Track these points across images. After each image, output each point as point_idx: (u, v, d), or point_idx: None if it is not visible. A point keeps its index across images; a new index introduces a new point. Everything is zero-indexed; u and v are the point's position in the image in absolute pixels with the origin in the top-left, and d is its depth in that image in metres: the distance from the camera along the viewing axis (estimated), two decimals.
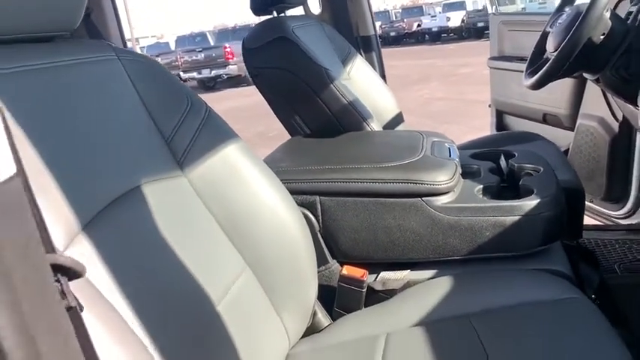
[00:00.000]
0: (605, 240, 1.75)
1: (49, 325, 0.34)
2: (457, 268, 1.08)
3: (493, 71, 2.62)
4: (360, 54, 1.98)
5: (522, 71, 1.51)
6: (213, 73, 12.94)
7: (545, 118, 2.30)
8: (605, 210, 2.03)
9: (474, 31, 17.64)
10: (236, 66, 12.60)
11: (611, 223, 2.00)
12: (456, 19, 18.76)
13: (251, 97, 7.72)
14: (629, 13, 1.30)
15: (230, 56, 12.77)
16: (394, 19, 21.63)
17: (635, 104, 1.27)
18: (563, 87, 2.13)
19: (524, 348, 0.82)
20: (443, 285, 1.02)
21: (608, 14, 1.22)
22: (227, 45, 13.10)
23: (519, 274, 1.02)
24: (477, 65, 8.74)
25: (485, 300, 0.94)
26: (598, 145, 2.00)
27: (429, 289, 1.03)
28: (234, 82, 12.40)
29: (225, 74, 12.61)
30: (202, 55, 13.13)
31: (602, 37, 1.22)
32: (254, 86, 1.57)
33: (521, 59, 2.31)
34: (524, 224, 1.03)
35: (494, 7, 2.72)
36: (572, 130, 2.12)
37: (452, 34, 19.12)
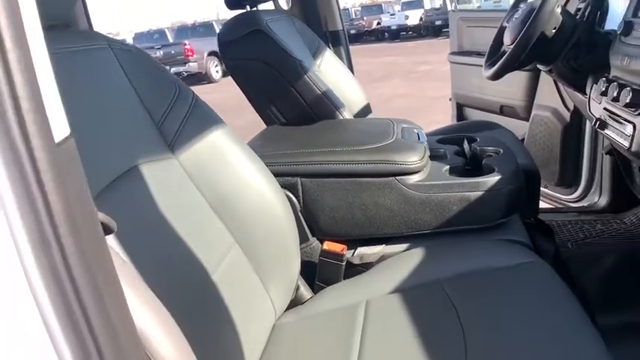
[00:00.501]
0: (559, 221, 1.90)
1: (107, 275, 0.40)
2: (428, 241, 1.18)
3: (453, 66, 2.72)
4: (329, 48, 2.06)
5: (481, 65, 1.61)
6: (173, 70, 12.68)
7: (502, 110, 2.43)
8: (558, 194, 2.17)
9: (432, 29, 17.92)
10: (196, 63, 12.45)
11: (563, 206, 2.14)
12: (414, 18, 19.00)
13: (211, 94, 7.68)
14: (578, 9, 1.42)
15: (190, 53, 12.60)
16: (354, 16, 21.80)
17: (583, 92, 1.39)
18: (518, 80, 2.26)
19: (491, 306, 0.92)
20: (415, 256, 1.11)
21: (559, 10, 1.33)
22: (187, 42, 12.92)
23: (484, 244, 1.13)
24: (436, 63, 8.95)
25: (454, 267, 1.04)
26: (551, 134, 2.13)
27: (403, 261, 1.12)
28: (195, 79, 12.25)
29: (185, 72, 12.43)
30: (161, 52, 12.89)
31: (553, 31, 1.33)
32: (214, 84, 1.63)
33: (479, 54, 2.42)
34: (487, 199, 1.14)
35: (453, 4, 2.83)
36: (528, 121, 2.25)
37: (411, 32, 19.32)
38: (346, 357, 0.88)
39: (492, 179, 1.15)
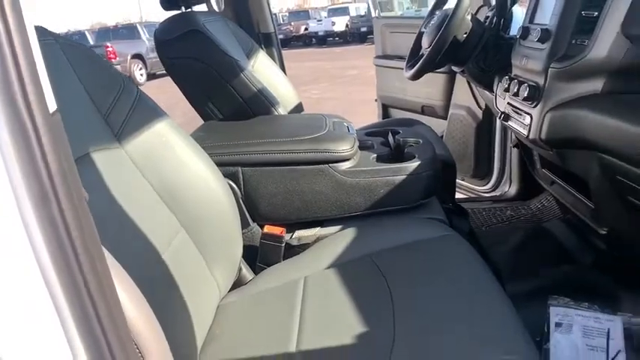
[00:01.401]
0: (474, 209, 2.09)
1: (91, 233, 0.47)
2: (359, 221, 1.30)
3: (378, 69, 2.88)
4: (262, 49, 2.14)
5: (402, 68, 1.76)
6: None
7: (423, 109, 2.61)
8: (474, 186, 2.37)
9: (357, 35, 18.39)
10: (119, 66, 12.06)
11: (478, 196, 2.34)
12: (340, 24, 19.42)
13: None
14: (487, 17, 1.60)
15: (112, 56, 12.19)
16: (282, 22, 21.95)
17: (491, 90, 1.57)
18: (437, 82, 2.44)
19: (415, 272, 1.04)
20: (348, 235, 1.23)
21: (469, 17, 1.49)
22: (109, 44, 12.50)
23: (408, 221, 1.27)
24: (362, 68, 9.23)
25: (382, 242, 1.16)
26: (466, 131, 2.33)
27: (337, 240, 1.23)
28: None
29: None
30: None
31: (464, 35, 1.49)
32: (139, 87, 1.65)
33: (401, 57, 2.58)
34: (409, 182, 1.28)
35: (376, 11, 2.99)
36: (446, 119, 2.44)
37: (337, 38, 19.75)
38: (288, 329, 0.96)
39: (413, 165, 1.29)
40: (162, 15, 1.78)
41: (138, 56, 12.67)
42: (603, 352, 1.15)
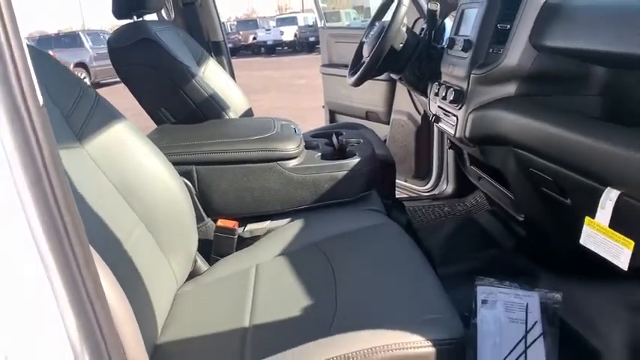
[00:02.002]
0: (415, 207, 2.24)
1: (75, 216, 0.54)
2: (306, 214, 1.41)
3: (324, 77, 3.00)
4: (212, 57, 2.23)
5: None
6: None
7: (367, 115, 2.74)
8: (414, 186, 2.53)
9: (306, 44, 18.63)
10: None
11: (419, 195, 2.50)
12: (289, 34, 19.56)
13: None
14: (422, 29, 1.75)
15: None
16: (230, 30, 21.86)
17: (426, 95, 1.72)
18: (379, 89, 2.58)
19: (356, 256, 1.16)
20: (296, 227, 1.34)
21: (404, 29, 1.63)
22: (51, 53, 12.08)
23: (350, 212, 1.39)
24: (311, 77, 9.36)
25: (327, 231, 1.27)
26: (407, 135, 2.48)
27: (286, 231, 1.33)
28: None
29: None
30: None
31: (401, 45, 1.63)
32: None
33: (346, 66, 2.71)
34: (350, 177, 1.40)
35: (322, 21, 3.11)
36: (388, 124, 2.59)
37: (286, 48, 19.85)
38: (242, 309, 1.04)
39: (354, 161, 1.42)
40: (104, 23, 1.83)
41: (81, 65, 12.37)
42: (522, 324, 1.30)
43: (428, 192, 2.47)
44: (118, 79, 1.83)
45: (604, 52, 0.98)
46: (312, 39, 17.91)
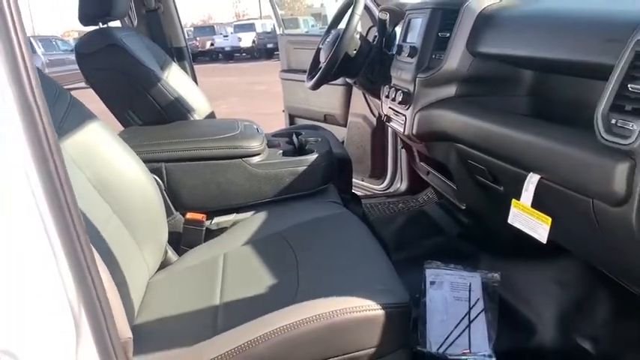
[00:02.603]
0: (372, 203, 2.38)
1: (72, 194, 0.64)
2: (269, 206, 1.52)
3: (284, 82, 3.09)
4: (174, 62, 2.31)
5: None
6: None
7: (326, 118, 2.85)
8: (371, 185, 2.65)
9: (264, 51, 18.65)
10: None
11: (375, 194, 2.63)
12: (247, 40, 19.51)
13: None
14: (375, 36, 1.88)
15: None
16: (187, 36, 21.54)
17: (379, 98, 1.85)
18: (336, 93, 2.69)
19: (316, 241, 1.27)
20: (261, 218, 1.45)
21: (358, 36, 1.76)
22: None
23: (310, 204, 1.51)
24: (270, 83, 9.39)
25: (289, 221, 1.39)
26: (363, 136, 2.60)
27: (251, 222, 1.44)
28: None
29: None
30: None
31: (354, 51, 1.74)
32: None
33: (305, 71, 2.81)
34: (309, 171, 1.53)
35: (281, 28, 3.21)
36: (346, 126, 2.71)
37: (244, 54, 19.80)
38: (211, 294, 1.13)
39: (312, 157, 1.55)
40: (53, 30, 1.88)
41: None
42: (466, 302, 1.45)
43: (383, 190, 2.59)
44: (72, 86, 1.88)
45: (528, 57, 1.13)
46: (270, 45, 17.96)
